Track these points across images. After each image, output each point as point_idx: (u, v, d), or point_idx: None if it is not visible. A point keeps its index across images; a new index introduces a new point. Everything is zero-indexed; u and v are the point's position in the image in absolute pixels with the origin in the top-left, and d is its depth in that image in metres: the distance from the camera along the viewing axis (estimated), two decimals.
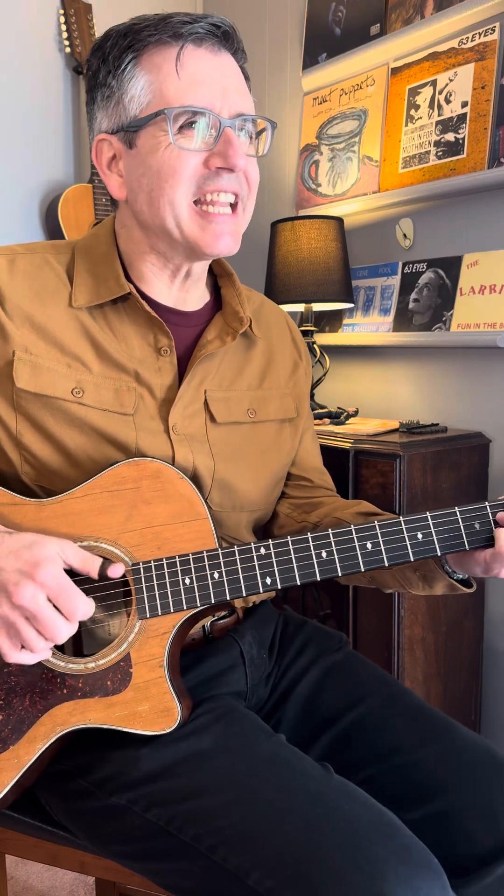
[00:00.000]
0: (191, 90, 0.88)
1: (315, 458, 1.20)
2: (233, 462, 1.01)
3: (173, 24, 0.89)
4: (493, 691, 1.94)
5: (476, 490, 1.82)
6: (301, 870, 0.74)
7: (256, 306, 1.11)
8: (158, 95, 0.89)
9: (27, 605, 0.79)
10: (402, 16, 1.98)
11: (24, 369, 0.92)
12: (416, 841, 0.79)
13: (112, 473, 0.90)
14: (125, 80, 0.90)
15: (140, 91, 0.89)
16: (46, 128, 2.35)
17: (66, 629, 0.81)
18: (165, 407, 0.97)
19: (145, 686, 0.86)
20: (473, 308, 1.83)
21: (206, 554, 0.88)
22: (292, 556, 0.89)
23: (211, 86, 0.89)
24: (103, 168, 0.95)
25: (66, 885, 1.72)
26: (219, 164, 0.90)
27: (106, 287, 0.96)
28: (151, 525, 0.89)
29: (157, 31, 0.89)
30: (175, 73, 0.88)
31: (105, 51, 0.92)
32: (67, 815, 0.93)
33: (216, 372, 1.02)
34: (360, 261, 2.16)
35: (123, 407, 0.95)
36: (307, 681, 1.06)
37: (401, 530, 0.90)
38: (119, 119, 0.92)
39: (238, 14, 2.55)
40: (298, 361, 1.15)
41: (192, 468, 0.97)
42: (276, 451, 1.09)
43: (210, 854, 0.79)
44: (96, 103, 0.95)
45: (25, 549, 0.82)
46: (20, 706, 0.86)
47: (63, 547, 0.83)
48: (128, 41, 0.90)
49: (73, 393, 0.93)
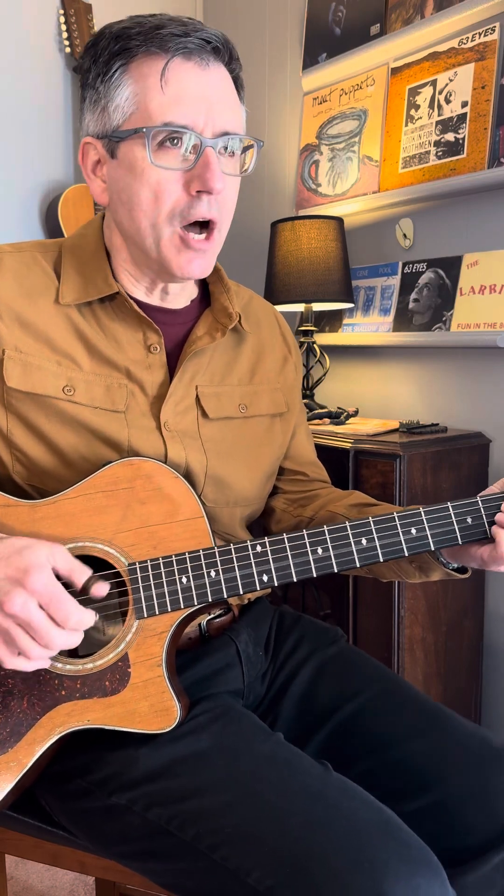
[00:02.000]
0: (173, 107, 0.87)
1: (310, 453, 1.20)
2: (226, 457, 1.01)
3: (163, 37, 0.86)
4: (493, 691, 1.94)
5: (476, 490, 1.80)
6: (301, 869, 0.74)
7: (245, 301, 1.11)
8: (142, 108, 0.87)
9: (19, 614, 0.78)
10: (402, 16, 1.98)
11: (14, 368, 0.92)
12: (415, 838, 0.79)
13: (106, 473, 0.90)
14: (112, 86, 0.89)
15: (124, 101, 0.88)
16: (46, 128, 2.35)
17: (61, 637, 0.80)
18: (157, 404, 0.97)
19: (144, 685, 0.86)
20: (473, 308, 1.83)
21: (203, 553, 0.88)
22: (288, 553, 0.89)
23: (195, 103, 0.87)
24: (88, 171, 0.95)
25: (66, 885, 1.72)
26: (197, 188, 0.89)
27: (94, 286, 0.96)
28: (147, 525, 0.89)
29: (147, 40, 0.87)
30: (160, 87, 0.87)
31: (97, 51, 0.90)
32: (67, 816, 0.93)
33: (207, 367, 1.02)
34: (360, 261, 2.16)
35: (115, 404, 0.95)
36: (302, 677, 1.06)
37: (395, 526, 0.90)
38: (104, 126, 0.91)
39: (238, 14, 2.55)
40: (288, 356, 1.15)
41: (185, 465, 0.97)
42: (268, 446, 1.09)
43: (210, 853, 0.79)
44: (84, 104, 0.94)
45: (16, 554, 0.80)
46: (18, 709, 0.86)
47: (53, 552, 0.82)
48: (119, 46, 0.88)
49: (65, 391, 0.93)
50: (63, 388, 0.93)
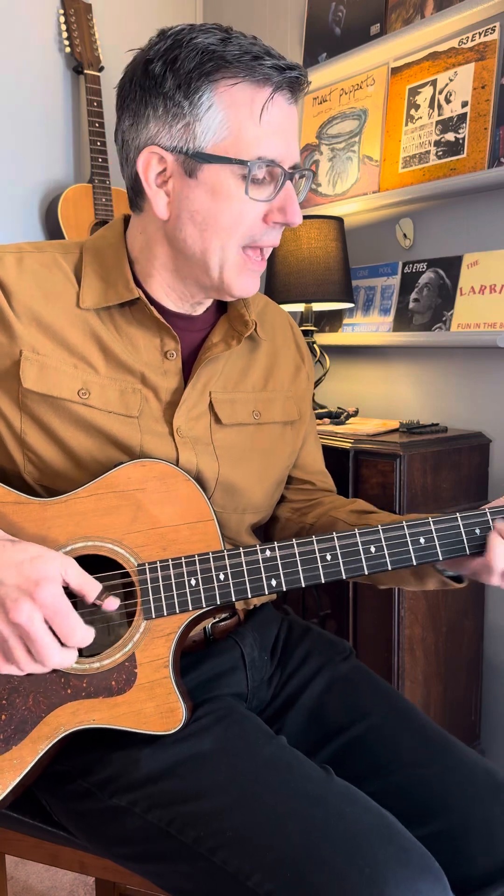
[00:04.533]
0: (267, 140, 0.87)
1: (318, 462, 1.20)
2: (237, 464, 1.01)
3: (266, 69, 0.86)
4: (493, 691, 1.95)
5: (476, 490, 1.82)
6: (302, 872, 0.74)
7: (260, 308, 1.11)
8: (235, 136, 0.87)
9: (23, 624, 0.77)
10: (402, 15, 1.98)
11: (31, 369, 0.92)
12: (416, 844, 0.79)
13: (118, 474, 0.89)
14: (201, 107, 0.86)
15: (217, 125, 0.87)
16: (46, 128, 2.35)
17: (57, 656, 0.79)
18: (170, 410, 0.97)
19: (150, 686, 0.86)
20: (473, 308, 1.83)
21: (212, 555, 0.88)
22: (297, 558, 0.89)
23: (284, 137, 0.89)
24: (149, 183, 0.90)
25: (66, 885, 1.72)
26: (279, 220, 0.91)
27: (115, 291, 0.95)
28: (157, 526, 0.89)
29: (248, 70, 0.86)
30: (257, 118, 0.87)
31: (177, 62, 0.86)
32: (68, 816, 0.93)
33: (221, 374, 1.02)
34: (360, 261, 2.16)
35: (128, 409, 0.94)
36: (311, 691, 1.05)
37: (403, 535, 0.90)
38: (184, 142, 0.88)
39: (238, 14, 2.55)
40: (301, 365, 1.15)
41: (196, 471, 0.97)
42: (279, 453, 1.09)
43: (210, 856, 0.79)
44: (150, 110, 0.89)
45: (28, 562, 0.79)
46: (23, 706, 0.86)
47: (66, 565, 0.81)
48: (210, 66, 0.85)
49: (80, 394, 0.93)
50: (78, 391, 0.93)
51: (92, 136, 2.27)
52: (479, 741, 1.95)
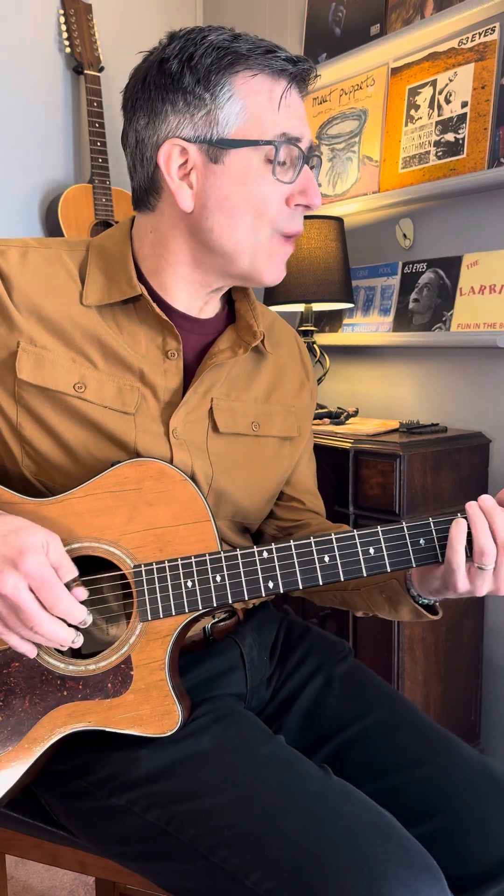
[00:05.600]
0: (287, 122, 0.90)
1: (310, 482, 1.19)
2: (231, 473, 1.01)
3: (281, 61, 0.89)
4: (493, 691, 1.95)
5: (476, 490, 1.82)
6: (300, 871, 0.74)
7: (269, 322, 1.11)
8: (255, 121, 0.89)
9: (9, 595, 0.78)
10: (402, 16, 1.98)
11: (27, 360, 0.92)
12: (414, 843, 0.79)
13: (114, 473, 0.89)
14: (222, 97, 0.88)
15: (237, 111, 0.89)
16: (46, 128, 2.35)
17: (48, 622, 0.80)
18: (168, 410, 0.97)
19: (146, 689, 0.86)
20: (473, 308, 1.83)
21: (209, 557, 0.88)
22: (294, 560, 0.89)
23: (302, 121, 0.92)
24: (172, 175, 0.91)
25: (66, 885, 1.73)
26: (300, 202, 0.92)
27: (118, 288, 0.95)
28: (153, 527, 0.89)
29: (265, 62, 0.89)
30: (276, 106, 0.89)
31: (194, 59, 0.88)
32: (67, 816, 0.93)
33: (224, 380, 1.02)
34: (360, 261, 2.16)
35: (125, 405, 0.94)
36: (310, 690, 1.06)
37: (403, 536, 0.89)
38: (207, 130, 0.89)
39: (238, 14, 2.55)
40: (305, 382, 1.15)
41: (191, 472, 0.97)
42: (274, 468, 1.08)
43: (209, 855, 0.79)
44: (167, 106, 0.90)
45: (12, 533, 0.81)
46: (20, 707, 0.86)
47: (49, 539, 0.82)
48: (228, 60, 0.88)
49: (75, 388, 0.93)
50: (74, 384, 0.93)
51: (92, 136, 2.27)
52: (479, 741, 1.95)
